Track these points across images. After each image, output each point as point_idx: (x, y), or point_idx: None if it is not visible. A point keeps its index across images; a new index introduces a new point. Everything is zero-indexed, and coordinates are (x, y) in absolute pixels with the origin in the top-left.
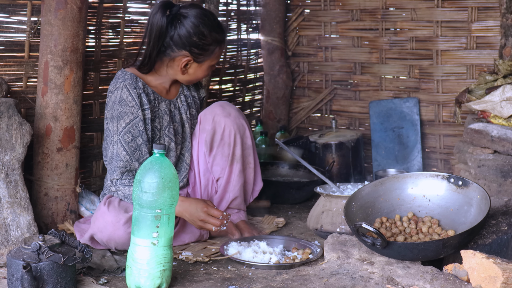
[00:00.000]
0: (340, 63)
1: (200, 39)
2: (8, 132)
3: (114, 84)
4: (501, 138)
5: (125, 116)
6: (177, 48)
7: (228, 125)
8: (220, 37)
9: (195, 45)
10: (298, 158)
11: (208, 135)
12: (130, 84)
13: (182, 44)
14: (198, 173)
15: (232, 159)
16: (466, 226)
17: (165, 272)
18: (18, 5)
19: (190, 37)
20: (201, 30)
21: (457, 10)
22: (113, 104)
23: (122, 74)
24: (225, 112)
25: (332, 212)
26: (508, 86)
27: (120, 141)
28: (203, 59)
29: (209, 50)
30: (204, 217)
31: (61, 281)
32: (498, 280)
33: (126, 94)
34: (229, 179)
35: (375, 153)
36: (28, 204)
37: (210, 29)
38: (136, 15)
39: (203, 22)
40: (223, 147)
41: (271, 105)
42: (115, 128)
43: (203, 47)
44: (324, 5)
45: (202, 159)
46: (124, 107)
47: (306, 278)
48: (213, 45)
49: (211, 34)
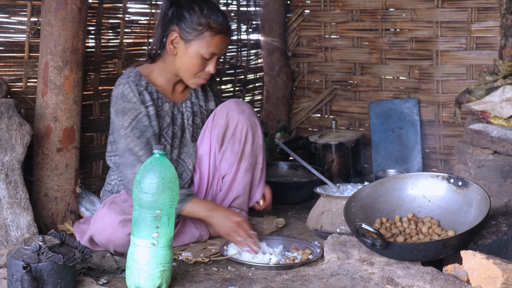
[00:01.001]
0: (340, 63)
1: (189, 14)
2: (8, 132)
3: (118, 80)
4: (501, 139)
5: (129, 112)
6: (171, 24)
7: (241, 121)
8: (213, 23)
9: (183, 19)
10: (298, 159)
11: (221, 130)
12: (133, 81)
13: (174, 19)
14: (207, 171)
15: (241, 157)
16: (466, 226)
17: (165, 272)
18: (18, 6)
19: (181, 11)
20: (193, 6)
21: (457, 11)
22: (116, 98)
23: (128, 72)
24: (240, 108)
25: (332, 212)
26: (508, 87)
27: (129, 136)
28: (189, 38)
29: (197, 31)
30: (237, 226)
31: (61, 281)
32: (498, 280)
33: (127, 90)
34: (235, 177)
35: (375, 153)
36: (28, 205)
37: (202, 9)
38: (136, 16)
39: (198, 2)
40: (233, 143)
41: (271, 106)
42: (121, 123)
43: (191, 24)
44: (324, 6)
45: (213, 156)
46: (127, 102)
47: (306, 279)
48: (203, 28)
49: (202, 13)
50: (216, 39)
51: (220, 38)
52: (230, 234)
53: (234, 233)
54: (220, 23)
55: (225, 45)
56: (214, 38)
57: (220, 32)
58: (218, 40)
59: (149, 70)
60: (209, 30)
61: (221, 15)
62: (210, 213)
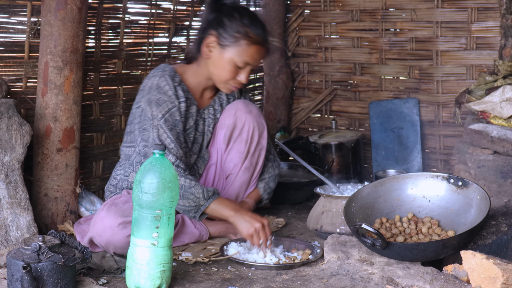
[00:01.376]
0: (340, 63)
1: (229, 20)
2: (8, 132)
3: (153, 72)
4: (501, 139)
5: (163, 104)
6: (209, 28)
7: (249, 121)
8: (251, 33)
9: (223, 25)
10: (298, 159)
11: (228, 129)
12: (169, 75)
13: (214, 24)
14: (213, 174)
15: (245, 157)
16: (466, 226)
17: (165, 272)
18: (18, 6)
19: (221, 17)
20: (233, 13)
21: (457, 11)
22: (150, 89)
23: (163, 66)
24: (247, 108)
25: (332, 212)
26: (508, 87)
27: (162, 127)
28: (226, 44)
29: (234, 37)
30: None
31: (61, 281)
32: (498, 280)
33: (164, 82)
34: (237, 177)
35: (375, 153)
36: (28, 205)
37: (243, 18)
38: (136, 16)
39: (240, 10)
40: (240, 142)
41: (271, 106)
42: (154, 113)
43: (230, 31)
44: (324, 6)
45: (219, 160)
46: (162, 94)
47: (306, 279)
48: (241, 36)
49: (242, 22)
50: (252, 49)
51: (256, 48)
52: (253, 236)
53: (256, 236)
54: (258, 34)
55: (260, 56)
56: (249, 47)
57: (256, 43)
58: (253, 50)
59: (183, 70)
60: (246, 39)
61: (260, 27)
62: (235, 214)
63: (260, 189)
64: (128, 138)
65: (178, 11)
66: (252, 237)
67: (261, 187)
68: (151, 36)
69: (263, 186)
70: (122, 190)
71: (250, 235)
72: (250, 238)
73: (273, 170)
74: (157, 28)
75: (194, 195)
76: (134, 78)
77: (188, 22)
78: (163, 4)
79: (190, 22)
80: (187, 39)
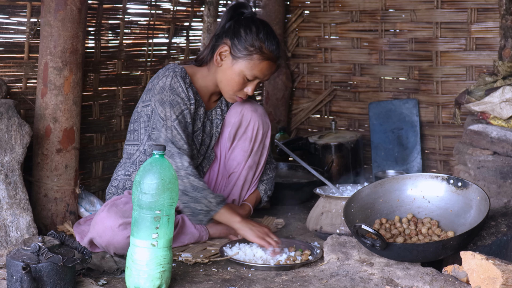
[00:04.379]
0: (339, 64)
1: (246, 32)
2: (8, 133)
3: (163, 72)
4: (500, 140)
5: (177, 105)
6: (225, 36)
7: (254, 119)
8: (265, 48)
9: (238, 36)
10: (297, 159)
11: (233, 127)
12: (181, 76)
13: (230, 33)
14: (216, 173)
15: (249, 155)
16: (465, 227)
17: (164, 273)
18: (18, 6)
19: (238, 27)
20: (250, 26)
21: (456, 11)
22: (162, 89)
23: (173, 66)
24: (253, 107)
25: (331, 213)
26: (507, 88)
27: (176, 128)
28: (238, 55)
29: (247, 50)
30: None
31: (60, 282)
32: (498, 281)
33: (177, 84)
34: (240, 175)
35: (374, 154)
36: (27, 205)
37: (259, 32)
38: (136, 16)
39: (257, 24)
40: (244, 141)
41: (270, 106)
42: (168, 114)
43: (244, 43)
44: (323, 6)
45: (223, 158)
46: (176, 96)
47: (306, 280)
48: (255, 50)
49: (258, 36)
50: (263, 64)
51: (267, 64)
52: (263, 238)
53: (265, 237)
54: (272, 50)
55: (270, 72)
56: (261, 62)
57: (268, 59)
58: (264, 66)
59: (193, 71)
60: (259, 53)
61: (275, 43)
62: (241, 221)
63: (261, 191)
64: (131, 137)
65: (178, 11)
66: (263, 239)
67: (262, 189)
68: (151, 37)
69: (264, 188)
70: (124, 191)
71: (261, 238)
72: (261, 241)
73: (271, 172)
74: (157, 29)
75: (207, 199)
76: (133, 79)
77: (188, 22)
78: (162, 5)
79: (190, 23)
80: (187, 40)
